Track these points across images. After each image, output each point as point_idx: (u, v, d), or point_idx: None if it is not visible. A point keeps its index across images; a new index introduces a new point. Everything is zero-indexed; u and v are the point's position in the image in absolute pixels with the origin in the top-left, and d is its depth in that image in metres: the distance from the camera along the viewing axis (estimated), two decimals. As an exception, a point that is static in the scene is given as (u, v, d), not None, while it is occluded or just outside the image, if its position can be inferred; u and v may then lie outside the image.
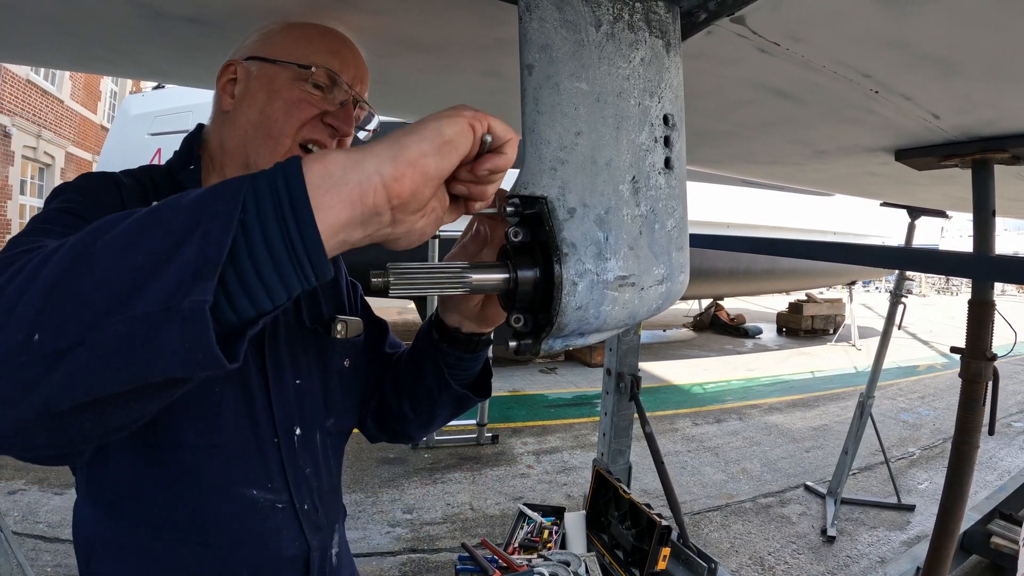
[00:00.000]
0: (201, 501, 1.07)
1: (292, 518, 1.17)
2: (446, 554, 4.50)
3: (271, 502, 1.14)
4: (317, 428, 1.24)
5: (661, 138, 0.81)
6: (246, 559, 1.11)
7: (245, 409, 1.10)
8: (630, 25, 0.80)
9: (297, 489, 1.17)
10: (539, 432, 7.65)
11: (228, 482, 1.09)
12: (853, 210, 13.21)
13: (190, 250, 0.55)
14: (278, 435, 1.15)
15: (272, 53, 1.09)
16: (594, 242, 0.74)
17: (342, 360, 1.30)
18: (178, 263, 0.55)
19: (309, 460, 1.21)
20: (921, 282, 35.44)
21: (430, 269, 0.76)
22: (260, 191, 0.59)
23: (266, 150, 1.07)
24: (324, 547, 1.24)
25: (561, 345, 0.79)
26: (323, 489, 1.25)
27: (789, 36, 1.10)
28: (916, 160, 2.05)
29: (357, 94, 1.14)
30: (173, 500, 1.06)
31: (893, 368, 12.04)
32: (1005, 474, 6.31)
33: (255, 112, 1.08)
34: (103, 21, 1.22)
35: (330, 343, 1.27)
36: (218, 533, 1.09)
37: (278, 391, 1.15)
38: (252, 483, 1.11)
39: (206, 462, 1.06)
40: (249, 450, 1.11)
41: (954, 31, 1.06)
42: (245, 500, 1.10)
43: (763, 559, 4.71)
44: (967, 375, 2.39)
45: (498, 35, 1.16)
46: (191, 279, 0.55)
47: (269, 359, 1.15)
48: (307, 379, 1.21)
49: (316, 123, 1.10)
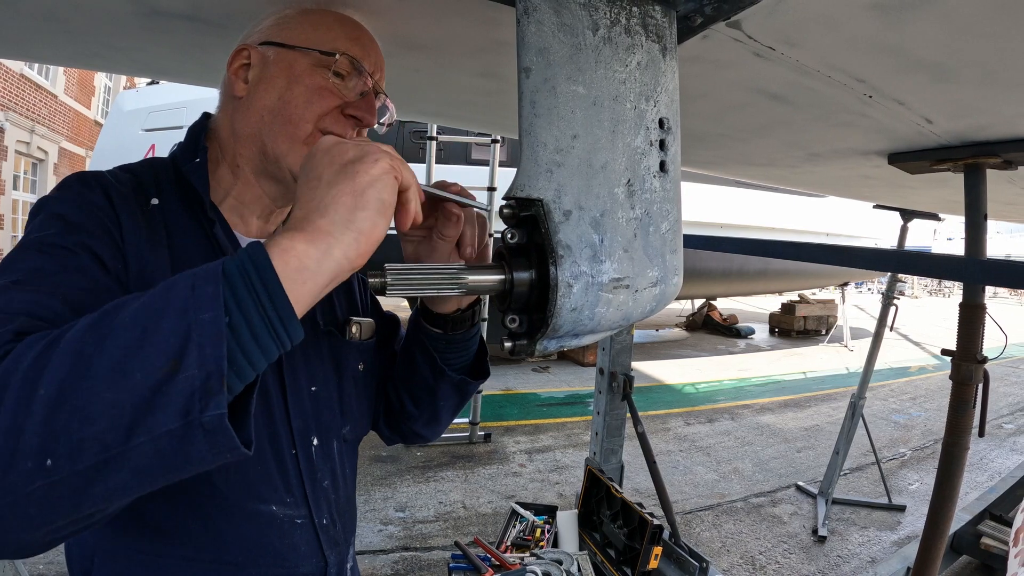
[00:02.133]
0: (216, 516, 1.01)
1: (311, 534, 1.12)
2: (439, 552, 4.50)
3: (290, 517, 1.09)
4: (334, 437, 1.19)
5: (656, 142, 0.82)
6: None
7: (264, 419, 1.06)
8: (627, 29, 0.80)
9: (316, 503, 1.13)
10: (532, 431, 7.66)
11: (245, 497, 1.03)
12: (846, 211, 13.25)
13: (191, 366, 0.60)
14: (296, 446, 1.10)
15: (290, 39, 1.04)
16: (589, 244, 0.74)
17: (357, 364, 1.25)
18: (182, 380, 0.59)
19: (327, 472, 1.16)
20: (913, 284, 35.59)
21: (427, 270, 0.77)
22: (239, 292, 0.64)
23: (284, 136, 1.03)
24: (341, 562, 1.19)
25: (556, 346, 0.79)
26: (340, 501, 1.20)
27: (784, 41, 1.11)
28: (909, 164, 2.07)
29: (376, 83, 1.11)
30: (185, 515, 1.00)
31: (885, 369, 12.09)
32: (996, 475, 6.35)
33: (272, 97, 1.03)
34: (100, 18, 1.21)
35: (345, 346, 1.23)
36: (233, 550, 1.03)
37: (295, 399, 1.10)
38: (270, 498, 1.06)
39: (222, 475, 1.00)
40: (267, 463, 1.06)
41: (947, 38, 1.07)
42: (263, 516, 1.05)
43: (754, 558, 4.73)
44: (957, 377, 2.41)
45: (496, 36, 1.16)
46: (202, 394, 0.60)
47: (285, 364, 1.10)
48: (323, 386, 1.17)
49: (337, 114, 1.05)
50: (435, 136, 7.24)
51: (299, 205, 0.74)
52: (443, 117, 2.19)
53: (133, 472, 0.61)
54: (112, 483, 0.60)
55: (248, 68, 1.07)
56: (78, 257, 0.83)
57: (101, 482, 0.60)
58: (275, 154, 1.04)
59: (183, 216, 1.04)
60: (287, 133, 1.03)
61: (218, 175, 1.10)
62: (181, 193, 1.06)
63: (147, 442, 0.59)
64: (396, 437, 1.41)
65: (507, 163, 8.20)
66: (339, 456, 1.21)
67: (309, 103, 1.03)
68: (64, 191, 0.93)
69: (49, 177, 17.37)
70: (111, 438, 0.58)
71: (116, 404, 0.58)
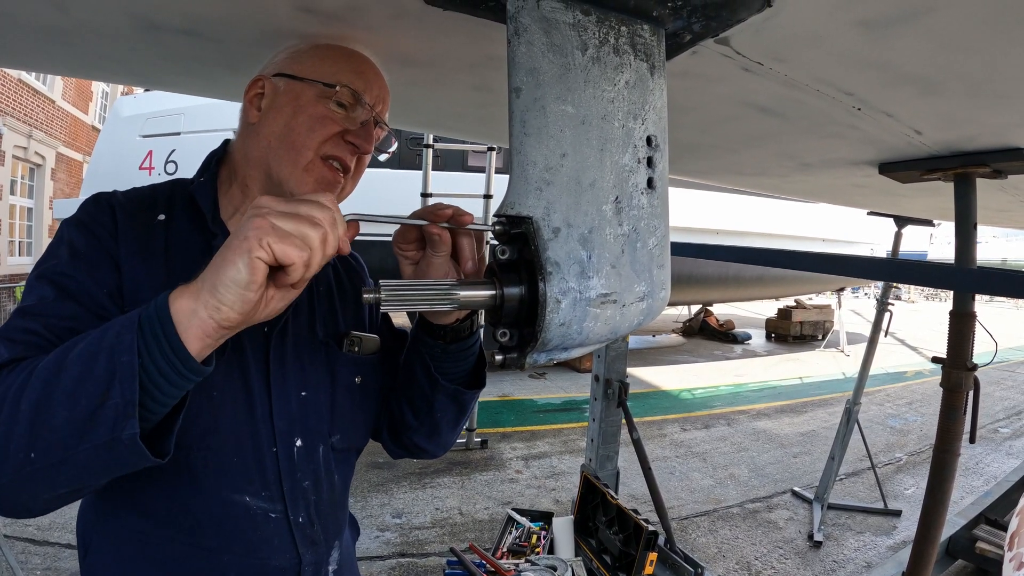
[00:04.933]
0: (194, 501, 1.09)
1: (284, 529, 1.17)
2: (435, 559, 4.51)
3: (264, 511, 1.15)
4: (320, 442, 1.24)
5: (644, 159, 0.84)
6: (233, 563, 1.13)
7: (246, 416, 1.13)
8: (615, 49, 0.82)
9: (293, 501, 1.18)
10: (528, 437, 7.67)
11: (221, 485, 1.10)
12: (842, 217, 13.27)
13: (115, 395, 0.80)
14: (277, 445, 1.16)
15: (299, 71, 1.14)
16: (577, 261, 0.76)
17: (353, 376, 1.31)
18: (110, 406, 0.80)
19: (309, 473, 1.21)
20: (910, 288, 35.57)
21: (420, 286, 0.78)
22: (147, 338, 0.82)
23: (288, 161, 1.11)
24: (318, 562, 1.24)
25: (545, 359, 0.81)
26: (322, 503, 1.25)
27: (772, 56, 1.12)
28: (899, 174, 2.09)
29: (378, 115, 1.19)
30: (167, 498, 1.09)
31: (881, 374, 12.11)
32: (991, 479, 6.37)
33: (280, 125, 1.12)
34: (99, 31, 1.22)
35: (341, 358, 1.28)
36: (208, 535, 1.11)
37: (281, 401, 1.17)
38: (245, 489, 1.13)
39: (201, 463, 1.08)
40: (245, 456, 1.13)
41: (933, 53, 1.08)
42: (237, 505, 1.12)
43: (750, 564, 4.74)
44: (948, 385, 2.42)
45: (489, 52, 1.18)
46: (122, 417, 0.80)
47: (274, 369, 1.17)
48: (314, 392, 1.23)
49: (338, 140, 1.14)
50: (431, 144, 7.26)
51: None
52: (439, 127, 2.20)
53: (83, 468, 0.83)
54: (72, 473, 0.83)
55: (262, 97, 1.17)
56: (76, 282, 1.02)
57: (65, 471, 0.83)
58: (279, 178, 1.13)
59: (188, 230, 1.16)
60: (290, 159, 1.12)
61: (229, 194, 1.21)
62: (191, 210, 1.17)
63: (90, 448, 0.81)
64: (401, 451, 1.45)
65: (503, 170, 8.21)
66: (325, 461, 1.26)
67: (311, 131, 1.11)
68: (80, 212, 1.11)
69: (46, 182, 17.34)
70: (68, 443, 0.80)
71: (70, 420, 0.80)
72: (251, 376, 1.14)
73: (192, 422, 1.04)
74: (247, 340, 1.13)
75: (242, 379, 1.13)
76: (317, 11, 1.06)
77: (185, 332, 0.81)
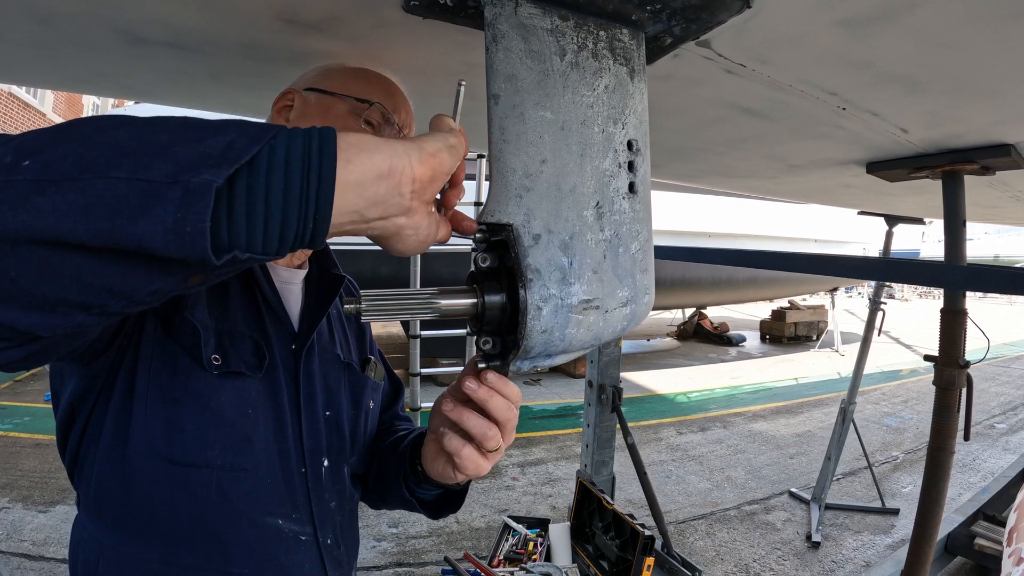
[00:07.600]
0: (225, 525, 1.03)
1: (315, 552, 1.14)
2: (432, 568, 4.49)
3: (295, 533, 1.11)
4: (344, 462, 1.23)
5: (625, 163, 0.83)
6: None
7: (276, 435, 1.10)
8: (594, 54, 0.82)
9: (321, 522, 1.16)
10: (524, 444, 7.65)
11: (254, 508, 1.06)
12: (833, 217, 13.32)
13: (216, 145, 0.56)
14: (306, 465, 1.13)
15: (332, 87, 1.14)
16: (558, 267, 0.75)
17: (370, 400, 1.31)
18: (200, 150, 0.55)
19: (336, 494, 1.20)
20: (903, 287, 35.68)
21: (400, 295, 0.78)
22: (294, 132, 0.61)
23: None
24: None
25: (528, 366, 0.81)
26: (345, 524, 1.24)
27: (754, 58, 1.12)
28: (887, 172, 2.09)
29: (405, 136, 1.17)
30: (195, 522, 1.01)
31: (876, 373, 12.14)
32: (988, 476, 6.39)
33: None
34: (85, 46, 1.23)
35: (362, 381, 1.29)
36: (239, 562, 1.04)
37: (310, 421, 1.15)
38: (277, 512, 1.09)
39: (233, 485, 1.03)
40: (276, 477, 1.09)
41: (915, 51, 1.08)
42: (269, 528, 1.08)
43: (748, 566, 4.73)
44: (941, 382, 2.42)
45: (470, 60, 1.18)
46: (208, 164, 0.55)
47: (303, 387, 1.15)
48: (338, 413, 1.22)
49: None
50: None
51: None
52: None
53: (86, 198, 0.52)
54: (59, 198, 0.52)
55: (290, 109, 1.16)
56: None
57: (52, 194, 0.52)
58: None
59: None
60: None
61: None
62: None
63: (123, 180, 0.53)
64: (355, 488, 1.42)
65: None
66: (349, 481, 1.25)
67: None
68: None
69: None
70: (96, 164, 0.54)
71: (124, 147, 0.55)
72: (281, 394, 1.11)
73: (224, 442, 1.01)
74: (278, 355, 1.12)
75: (272, 397, 1.10)
76: (299, 22, 1.06)
77: (349, 154, 0.63)
